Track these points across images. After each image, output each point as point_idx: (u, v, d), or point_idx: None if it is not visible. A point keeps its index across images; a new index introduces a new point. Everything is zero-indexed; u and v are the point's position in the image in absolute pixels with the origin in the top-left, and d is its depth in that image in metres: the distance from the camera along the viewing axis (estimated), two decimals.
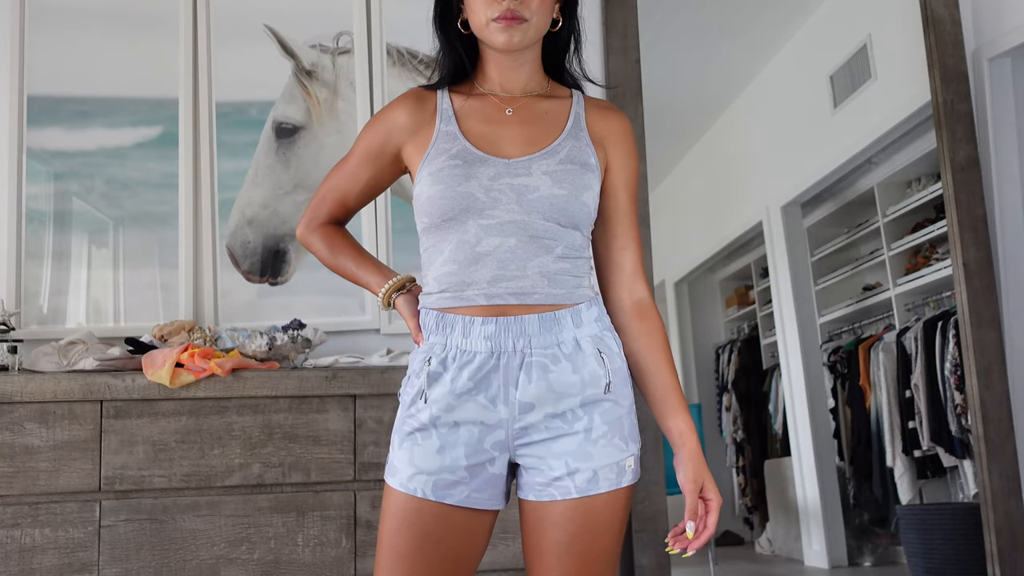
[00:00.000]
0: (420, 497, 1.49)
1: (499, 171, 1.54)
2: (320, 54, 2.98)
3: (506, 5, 1.52)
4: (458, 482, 1.50)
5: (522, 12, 1.53)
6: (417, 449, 1.51)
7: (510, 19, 1.53)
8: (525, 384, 1.50)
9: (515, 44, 1.56)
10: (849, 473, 5.08)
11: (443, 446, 1.50)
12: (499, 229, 1.52)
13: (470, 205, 1.52)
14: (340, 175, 1.70)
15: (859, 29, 4.47)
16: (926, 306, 4.65)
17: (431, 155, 1.57)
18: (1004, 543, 2.95)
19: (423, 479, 1.50)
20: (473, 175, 1.53)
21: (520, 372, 1.50)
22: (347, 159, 1.69)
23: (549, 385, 1.50)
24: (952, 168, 3.18)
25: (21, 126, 2.85)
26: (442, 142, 1.58)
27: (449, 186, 1.53)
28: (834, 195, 5.45)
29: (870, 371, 4.84)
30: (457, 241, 1.53)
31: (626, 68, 3.08)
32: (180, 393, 2.36)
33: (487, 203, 1.52)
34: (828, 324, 5.57)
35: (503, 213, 1.52)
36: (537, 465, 1.52)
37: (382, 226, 2.92)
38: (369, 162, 1.67)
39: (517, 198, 1.53)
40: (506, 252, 1.52)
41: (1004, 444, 3.02)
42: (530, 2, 1.54)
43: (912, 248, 4.74)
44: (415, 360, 1.56)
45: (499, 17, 1.52)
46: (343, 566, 2.39)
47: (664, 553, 2.81)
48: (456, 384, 1.50)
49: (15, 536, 2.30)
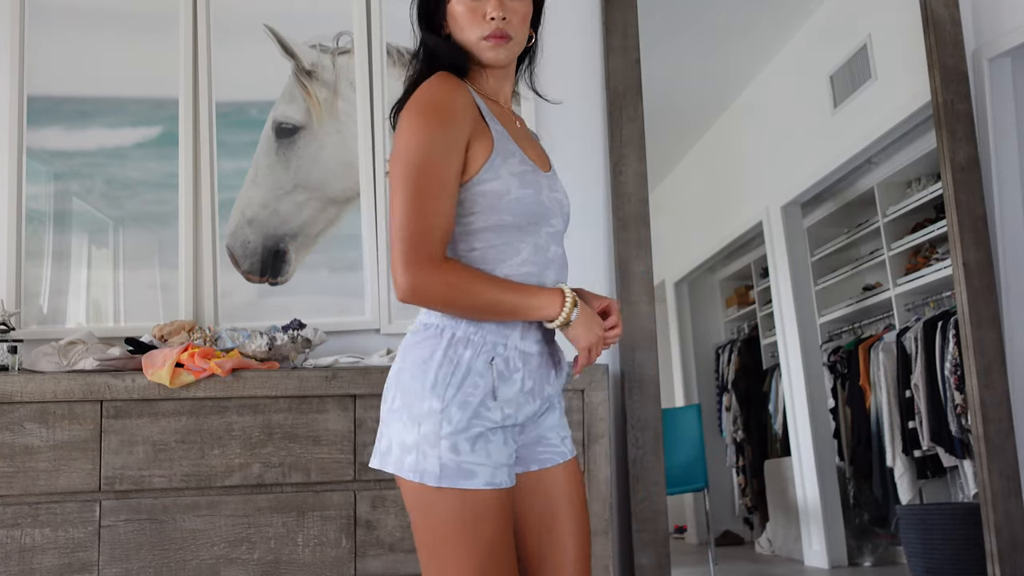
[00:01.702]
0: (506, 488, 1.55)
1: (548, 183, 1.66)
2: (320, 54, 2.97)
3: (495, 25, 1.60)
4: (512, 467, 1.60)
5: (508, 31, 1.62)
6: (491, 447, 1.54)
7: (499, 37, 1.61)
8: (554, 380, 1.67)
9: (502, 61, 1.65)
10: (849, 473, 5.08)
11: (507, 439, 1.58)
12: (556, 238, 1.67)
13: (545, 213, 1.63)
14: (441, 195, 1.50)
15: (859, 29, 4.47)
16: (926, 306, 4.64)
17: (501, 154, 1.58)
18: (1004, 543, 2.95)
19: (505, 470, 1.56)
20: (541, 184, 1.63)
21: (551, 370, 1.66)
22: (432, 172, 1.50)
23: (563, 377, 1.71)
24: (952, 168, 3.18)
25: (21, 126, 2.85)
26: (503, 143, 1.60)
27: (537, 191, 1.61)
28: (834, 195, 5.45)
29: (870, 371, 4.84)
30: (534, 245, 1.61)
31: (626, 68, 3.08)
32: (180, 393, 2.36)
33: (550, 213, 1.64)
34: (828, 324, 5.57)
35: (557, 223, 1.67)
36: (537, 440, 1.68)
37: (382, 226, 2.92)
38: (458, 166, 1.54)
39: (559, 210, 1.68)
40: (561, 260, 1.67)
41: (1004, 444, 3.02)
42: (514, 21, 1.62)
43: (912, 248, 4.74)
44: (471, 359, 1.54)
45: (489, 36, 1.61)
46: (343, 566, 2.39)
47: (664, 553, 2.81)
48: (524, 385, 1.59)
49: (15, 536, 2.30)
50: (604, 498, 2.52)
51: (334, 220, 2.93)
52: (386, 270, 2.90)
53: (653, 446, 2.87)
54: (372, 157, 2.94)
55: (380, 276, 2.90)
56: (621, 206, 3.04)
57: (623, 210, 3.02)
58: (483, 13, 1.60)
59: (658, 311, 3.04)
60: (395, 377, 1.59)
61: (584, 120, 3.11)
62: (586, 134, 3.11)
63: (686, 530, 7.37)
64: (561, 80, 3.04)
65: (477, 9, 1.61)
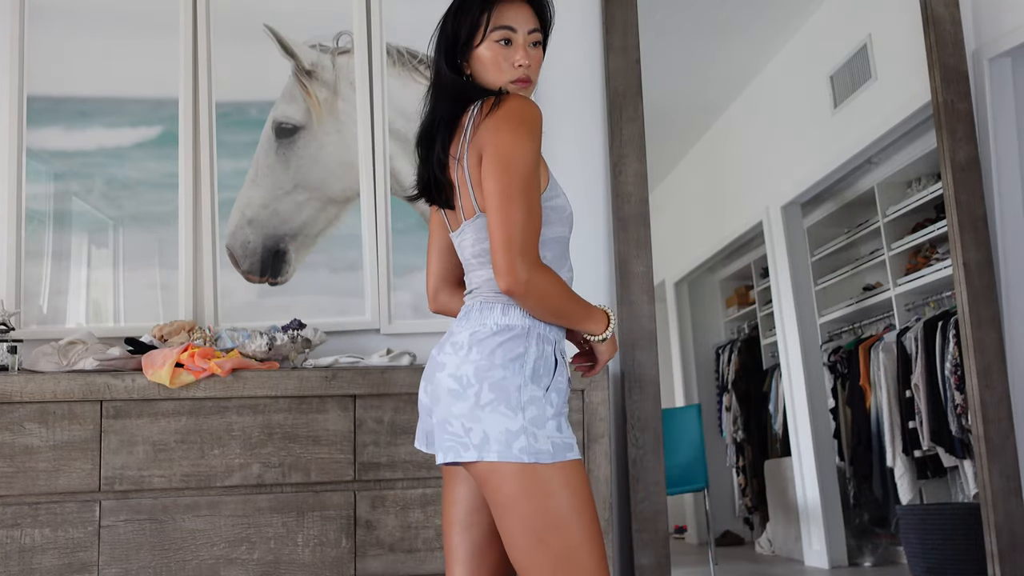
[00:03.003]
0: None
1: None
2: (320, 54, 2.97)
3: (522, 72, 1.80)
4: None
5: (531, 76, 1.82)
6: (569, 425, 1.74)
7: (524, 81, 1.81)
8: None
9: None
10: (849, 473, 5.08)
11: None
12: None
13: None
14: (539, 205, 1.70)
15: (859, 29, 4.47)
16: (926, 306, 4.64)
17: (553, 174, 1.83)
18: (1004, 543, 2.95)
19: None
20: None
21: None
22: (535, 182, 1.68)
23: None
24: (952, 168, 3.18)
25: (21, 126, 2.85)
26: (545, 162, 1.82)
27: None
28: (834, 195, 5.45)
29: (870, 371, 4.84)
30: (570, 255, 1.84)
31: (626, 68, 3.08)
32: (180, 393, 2.36)
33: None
34: (828, 324, 5.57)
35: None
36: None
37: (382, 226, 2.92)
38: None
39: None
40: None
41: (1004, 444, 3.02)
42: (534, 66, 1.83)
43: (912, 248, 4.74)
44: (553, 354, 1.74)
45: (516, 80, 1.80)
46: (343, 566, 2.39)
47: (664, 553, 2.81)
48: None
49: (15, 536, 2.30)
50: (604, 498, 2.52)
51: (334, 220, 2.93)
52: (386, 270, 2.90)
53: (653, 446, 2.87)
54: (372, 157, 2.94)
55: (380, 276, 2.90)
56: (621, 206, 3.04)
57: (623, 210, 3.02)
58: (512, 61, 1.79)
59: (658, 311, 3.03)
60: (479, 374, 1.69)
61: (584, 120, 3.11)
62: (586, 134, 3.11)
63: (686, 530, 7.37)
64: (561, 80, 3.05)
65: (508, 56, 1.79)
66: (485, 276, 1.77)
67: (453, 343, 1.73)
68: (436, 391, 1.72)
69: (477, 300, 1.77)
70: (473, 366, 1.69)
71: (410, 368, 2.50)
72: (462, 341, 1.72)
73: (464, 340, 1.72)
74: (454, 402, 1.68)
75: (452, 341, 1.73)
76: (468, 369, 1.69)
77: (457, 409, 1.67)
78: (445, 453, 1.69)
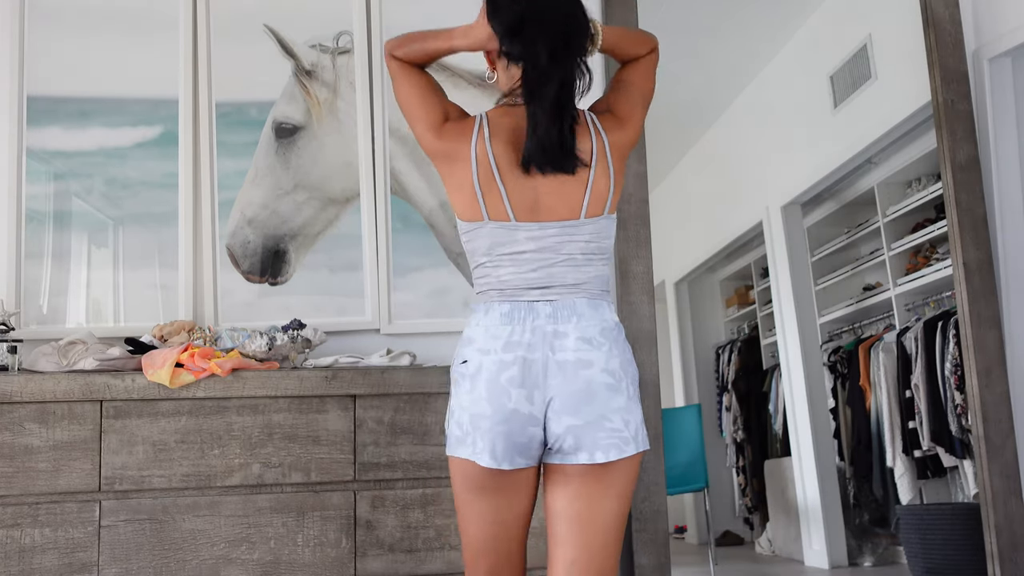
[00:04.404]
0: None
1: None
2: (320, 54, 2.98)
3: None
4: None
5: None
6: None
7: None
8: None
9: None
10: (849, 473, 5.08)
11: None
12: None
13: None
14: None
15: (859, 29, 4.47)
16: (926, 306, 4.65)
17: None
18: (1004, 543, 2.95)
19: None
20: None
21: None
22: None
23: None
24: (952, 168, 3.18)
25: (21, 126, 2.85)
26: None
27: None
28: (834, 195, 5.45)
29: (870, 371, 4.84)
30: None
31: None
32: (180, 393, 2.36)
33: None
34: (828, 324, 5.57)
35: None
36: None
37: (382, 226, 2.92)
38: None
39: None
40: None
41: (1004, 444, 3.02)
42: None
43: (912, 248, 4.74)
44: None
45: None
46: (343, 566, 2.39)
47: (664, 553, 2.81)
48: None
49: (15, 536, 2.30)
50: None
51: (334, 220, 2.93)
52: (386, 270, 2.90)
53: (653, 446, 2.88)
54: (372, 157, 2.94)
55: (380, 276, 2.90)
56: (621, 206, 3.04)
57: (623, 210, 3.02)
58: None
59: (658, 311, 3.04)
60: (624, 368, 1.77)
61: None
62: None
63: (686, 530, 7.38)
64: None
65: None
66: (593, 273, 1.82)
67: (584, 339, 1.74)
68: (591, 388, 1.71)
69: (582, 297, 1.78)
70: (618, 360, 1.75)
71: (410, 368, 2.50)
72: (592, 336, 1.75)
73: (596, 335, 1.75)
74: (612, 396, 1.72)
75: (580, 337, 1.74)
76: (615, 363, 1.74)
77: (615, 403, 1.72)
78: (606, 451, 1.71)
